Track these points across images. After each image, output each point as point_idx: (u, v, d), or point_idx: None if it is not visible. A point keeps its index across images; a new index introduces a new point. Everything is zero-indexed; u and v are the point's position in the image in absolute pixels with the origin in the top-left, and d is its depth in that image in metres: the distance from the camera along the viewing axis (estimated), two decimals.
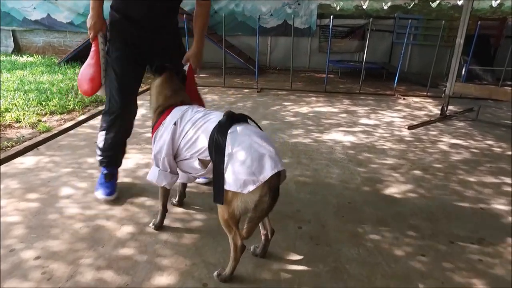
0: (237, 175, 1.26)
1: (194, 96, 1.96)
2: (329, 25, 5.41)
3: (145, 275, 1.51)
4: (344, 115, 4.13)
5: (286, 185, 2.33)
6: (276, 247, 1.70)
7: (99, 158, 2.12)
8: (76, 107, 3.96)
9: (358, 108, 4.48)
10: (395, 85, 5.31)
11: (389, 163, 2.75)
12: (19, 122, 3.40)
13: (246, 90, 5.42)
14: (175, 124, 1.56)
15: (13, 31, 7.45)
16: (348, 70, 7.20)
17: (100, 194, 2.07)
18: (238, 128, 1.38)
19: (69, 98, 4.19)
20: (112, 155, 2.11)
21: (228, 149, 1.31)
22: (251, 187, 1.24)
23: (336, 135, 3.37)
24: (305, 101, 4.76)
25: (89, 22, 1.89)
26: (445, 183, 2.46)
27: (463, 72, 5.65)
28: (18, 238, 1.72)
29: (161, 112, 1.67)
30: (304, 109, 4.32)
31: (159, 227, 1.81)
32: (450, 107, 4.27)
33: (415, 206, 2.13)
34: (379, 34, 7.06)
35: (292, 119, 3.90)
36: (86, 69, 1.96)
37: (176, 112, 1.62)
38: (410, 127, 3.70)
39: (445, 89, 4.19)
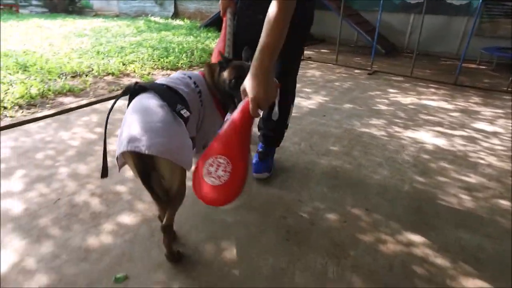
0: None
1: (232, 153, 1.09)
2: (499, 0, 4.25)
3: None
4: (456, 114, 3.27)
5: (309, 171, 2.08)
6: (251, 226, 1.57)
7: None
8: (184, 66, 4.45)
9: (485, 109, 3.46)
10: None
11: (469, 181, 2.07)
12: (135, 72, 4.07)
13: (357, 71, 4.93)
14: None
15: None
16: (510, 62, 5.57)
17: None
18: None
19: (182, 57, 4.73)
20: None
21: None
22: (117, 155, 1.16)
23: (423, 135, 2.73)
24: (417, 91, 3.98)
25: None
26: None
27: None
28: (65, 157, 2.14)
29: None
30: (408, 100, 3.63)
31: None
32: None
33: (463, 248, 1.56)
34: None
35: (383, 107, 3.35)
36: (217, 45, 1.87)
37: None
38: None
39: None
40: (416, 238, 1.58)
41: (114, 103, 1.22)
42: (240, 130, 1.10)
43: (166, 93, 1.22)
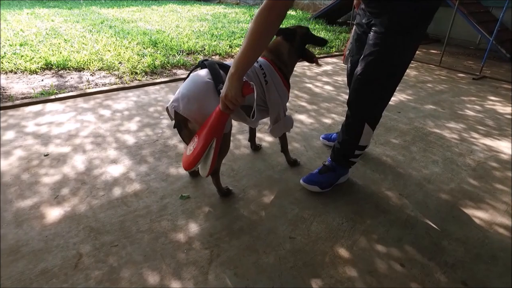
0: None
1: (200, 136, 1.43)
2: None
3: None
4: None
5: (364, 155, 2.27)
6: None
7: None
8: None
9: None
10: None
11: None
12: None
13: (460, 75, 4.59)
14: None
15: None
16: None
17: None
18: None
19: None
20: None
21: None
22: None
23: (503, 144, 2.57)
24: None
25: None
26: None
27: None
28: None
29: None
30: (507, 109, 3.33)
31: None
32: None
33: (478, 243, 1.61)
34: None
35: (470, 113, 3.18)
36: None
37: None
38: None
39: None
40: (436, 224, 1.68)
41: (190, 72, 1.63)
42: (212, 122, 1.36)
43: (216, 71, 1.51)
